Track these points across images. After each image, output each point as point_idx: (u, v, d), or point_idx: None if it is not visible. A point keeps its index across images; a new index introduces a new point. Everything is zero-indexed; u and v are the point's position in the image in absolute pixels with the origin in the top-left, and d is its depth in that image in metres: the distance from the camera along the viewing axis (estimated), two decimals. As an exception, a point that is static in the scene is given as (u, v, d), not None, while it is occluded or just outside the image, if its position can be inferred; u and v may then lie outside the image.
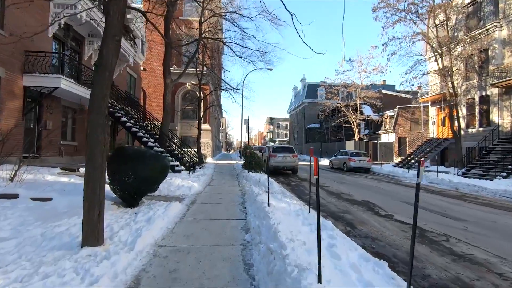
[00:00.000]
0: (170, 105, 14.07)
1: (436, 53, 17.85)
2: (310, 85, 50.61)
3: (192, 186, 8.80)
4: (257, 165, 13.21)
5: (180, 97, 27.43)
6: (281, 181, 13.00)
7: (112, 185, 5.65)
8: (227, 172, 15.39)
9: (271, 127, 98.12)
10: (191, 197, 7.77)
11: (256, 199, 6.53)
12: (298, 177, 14.81)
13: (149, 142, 12.37)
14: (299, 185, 11.87)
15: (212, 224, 5.13)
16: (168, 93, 13.76)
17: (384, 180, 14.68)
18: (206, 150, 26.57)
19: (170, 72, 14.08)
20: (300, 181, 13.18)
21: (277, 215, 4.78)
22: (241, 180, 11.66)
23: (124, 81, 17.93)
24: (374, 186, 12.11)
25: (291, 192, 9.70)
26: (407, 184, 13.26)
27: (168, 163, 6.06)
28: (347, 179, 14.31)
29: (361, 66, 30.84)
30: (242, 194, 8.51)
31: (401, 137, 30.65)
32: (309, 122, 49.42)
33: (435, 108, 23.58)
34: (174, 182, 8.72)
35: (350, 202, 8.32)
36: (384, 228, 5.65)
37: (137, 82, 20.81)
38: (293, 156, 15.69)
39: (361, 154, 19.91)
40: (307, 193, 9.92)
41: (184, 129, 27.32)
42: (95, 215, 3.36)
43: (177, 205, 6.17)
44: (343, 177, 15.25)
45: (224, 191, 9.10)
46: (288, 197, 8.26)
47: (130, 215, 5.16)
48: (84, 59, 13.00)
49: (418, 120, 30.77)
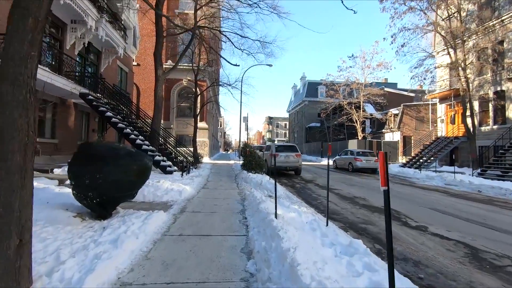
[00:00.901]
0: (162, 100, 12.83)
1: (449, 45, 16.68)
2: (310, 83, 49.44)
3: (184, 190, 7.55)
4: (258, 165, 11.98)
5: (175, 93, 26.14)
6: (284, 183, 11.78)
7: (76, 191, 4.40)
8: (225, 173, 14.15)
9: (270, 127, 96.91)
10: (181, 203, 6.52)
11: (259, 208, 5.29)
12: (302, 179, 13.59)
13: (138, 140, 11.11)
14: (305, 188, 10.65)
15: (203, 244, 3.89)
16: (159, 86, 12.52)
17: (396, 181, 13.49)
18: (203, 150, 25.31)
19: (162, 63, 12.82)
20: (305, 183, 11.96)
21: (290, 232, 3.55)
22: (240, 182, 10.42)
23: (114, 74, 16.65)
24: (387, 188, 10.90)
25: (298, 196, 8.48)
26: (422, 186, 12.07)
27: (149, 163, 4.81)
28: (356, 181, 13.10)
29: (365, 62, 29.70)
30: (242, 199, 7.27)
31: (406, 136, 29.50)
32: (310, 121, 48.24)
33: (444, 105, 22.43)
34: (162, 185, 7.47)
35: (368, 208, 7.10)
36: (423, 246, 4.43)
37: (129, 76, 19.53)
38: (296, 156, 14.47)
39: (368, 153, 18.71)
40: (315, 196, 8.71)
41: (180, 127, 26.04)
42: (11, 246, 2.12)
43: (161, 215, 4.92)
44: (351, 178, 14.04)
45: (221, 195, 7.86)
46: (296, 202, 7.03)
47: (95, 232, 3.92)
48: (65, 48, 11.71)
49: (424, 118, 29.66)
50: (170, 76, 26.56)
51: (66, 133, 11.70)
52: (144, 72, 25.67)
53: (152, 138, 12.17)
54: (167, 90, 25.99)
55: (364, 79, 29.76)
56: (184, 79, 25.73)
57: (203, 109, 25.50)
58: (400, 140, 29.31)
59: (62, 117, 11.66)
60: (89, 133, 14.00)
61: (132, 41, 19.16)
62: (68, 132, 11.89)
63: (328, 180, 4.68)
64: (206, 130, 25.99)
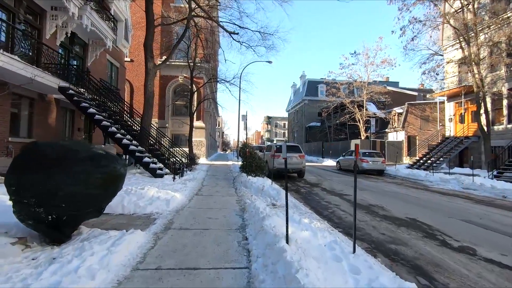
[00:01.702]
0: (153, 96, 11.68)
1: (461, 39, 15.61)
2: (310, 81, 48.40)
3: (173, 198, 6.42)
4: (258, 167, 10.86)
5: (171, 91, 24.98)
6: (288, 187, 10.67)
7: (17, 209, 3.26)
8: (222, 176, 13.01)
9: (269, 126, 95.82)
10: (168, 216, 5.38)
11: (264, 225, 4.17)
12: (307, 182, 12.48)
13: (125, 140, 9.95)
14: (311, 193, 9.54)
15: (188, 285, 2.76)
16: (150, 80, 11.38)
17: (409, 185, 12.41)
18: (200, 150, 24.16)
19: (153, 55, 11.67)
20: (311, 187, 10.85)
21: (312, 274, 2.43)
22: (239, 187, 9.30)
23: (103, 69, 15.47)
24: (403, 193, 9.81)
25: (305, 204, 7.37)
26: (439, 190, 10.98)
27: (120, 170, 3.68)
28: (366, 184, 12.00)
29: (368, 59, 28.62)
30: (241, 209, 6.15)
31: (411, 135, 28.47)
32: (310, 121, 47.21)
33: (453, 103, 21.38)
34: (147, 193, 6.33)
35: (391, 221, 5.99)
36: (482, 280, 3.32)
37: (121, 72, 18.34)
38: (300, 157, 13.36)
39: (374, 154, 17.64)
40: (324, 204, 7.60)
41: (175, 126, 24.88)
42: None
43: (137, 237, 3.79)
44: (359, 181, 12.93)
45: (217, 204, 6.73)
46: (306, 214, 5.93)
47: (36, 268, 2.78)
48: (45, 37, 10.54)
49: (429, 117, 28.66)
50: (165, 72, 25.52)
51: (45, 132, 10.52)
52: (138, 69, 24.46)
53: (141, 137, 11.02)
54: (162, 88, 24.86)
55: (367, 76, 28.71)
56: (179, 76, 24.59)
57: (199, 107, 24.35)
58: (405, 140, 28.29)
59: (40, 114, 10.48)
60: (74, 133, 12.82)
61: (123, 34, 17.98)
62: (47, 131, 10.71)
63: (355, 195, 3.56)
64: (203, 129, 24.84)
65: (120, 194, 5.92)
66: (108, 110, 11.74)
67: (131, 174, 9.67)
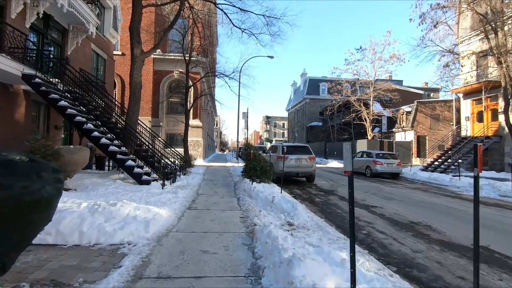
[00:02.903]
0: (140, 87, 9.98)
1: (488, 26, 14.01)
2: (311, 80, 46.83)
3: (156, 217, 4.74)
4: (264, 172, 9.19)
5: (165, 87, 23.26)
6: (298, 195, 9.02)
7: None
8: (221, 180, 11.33)
9: (268, 126, 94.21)
10: (143, 250, 3.68)
11: (294, 281, 2.50)
12: (319, 188, 10.83)
13: (104, 139, 8.23)
14: (329, 204, 7.87)
15: None
16: (137, 69, 9.70)
17: (436, 191, 10.79)
18: (196, 151, 22.46)
19: (141, 40, 9.96)
20: (326, 196, 9.19)
21: None
22: (242, 197, 7.62)
23: (86, 60, 13.74)
24: (440, 204, 8.17)
25: (327, 221, 5.71)
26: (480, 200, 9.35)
27: (42, 191, 1.98)
28: (388, 191, 10.36)
29: (375, 55, 27.05)
30: (249, 233, 4.48)
31: (420, 135, 26.94)
32: (311, 120, 45.65)
33: (470, 100, 19.83)
34: (120, 210, 4.63)
35: (458, 251, 4.33)
36: None
37: (109, 65, 16.61)
38: (310, 159, 11.71)
39: (389, 155, 16.05)
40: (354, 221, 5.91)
41: (170, 125, 23.17)
42: None
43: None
44: (379, 187, 11.30)
45: (215, 225, 5.05)
46: (338, 241, 4.26)
47: None
48: (10, 17, 8.81)
49: (440, 116, 27.15)
50: (159, 67, 23.79)
51: (8, 130, 8.78)
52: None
53: (126, 137, 9.31)
54: (155, 84, 23.15)
55: (375, 73, 27.14)
56: (175, 71, 22.86)
57: (196, 104, 22.65)
58: (414, 140, 26.73)
59: (2, 109, 8.74)
60: (49, 131, 11.08)
61: (111, 23, 16.27)
62: (12, 129, 8.96)
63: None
64: (200, 128, 23.14)
65: (81, 213, 4.26)
66: (88, 105, 10.01)
67: (111, 181, 7.97)
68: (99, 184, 7.43)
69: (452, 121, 26.94)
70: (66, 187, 6.73)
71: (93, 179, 7.90)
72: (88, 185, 7.24)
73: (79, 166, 6.62)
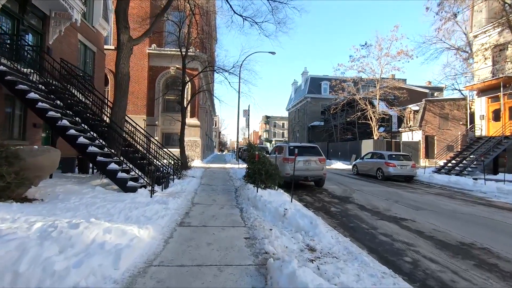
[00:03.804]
0: (127, 79, 8.71)
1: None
2: (313, 78, 45.63)
3: (132, 243, 3.50)
4: (270, 177, 7.96)
5: (161, 84, 21.97)
6: (310, 203, 7.78)
7: None
8: (220, 185, 10.08)
9: (267, 126, 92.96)
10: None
11: None
12: (331, 194, 9.59)
13: (82, 138, 6.96)
14: (349, 215, 6.64)
15: None
16: (124, 58, 8.44)
17: (462, 197, 9.57)
18: (194, 151, 21.19)
19: (129, 25, 8.69)
20: (341, 204, 7.95)
21: None
22: (246, 208, 6.37)
23: (72, 51, 12.45)
24: (478, 215, 6.95)
25: (357, 243, 4.47)
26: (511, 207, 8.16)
27: None
28: (410, 198, 9.13)
29: (381, 51, 25.84)
30: (258, 267, 3.24)
31: (429, 135, 25.76)
32: (312, 120, 44.46)
33: (484, 98, 18.64)
34: (84, 235, 3.37)
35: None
36: None
37: (98, 58, 15.31)
38: (320, 161, 10.47)
39: (402, 156, 14.84)
40: (386, 242, 4.70)
41: (166, 124, 21.87)
42: None
43: None
44: (397, 193, 10.07)
45: (213, 252, 3.80)
46: (384, 279, 3.02)
47: None
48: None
49: (449, 115, 25.99)
50: (155, 63, 22.48)
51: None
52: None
53: (111, 135, 8.04)
54: (151, 80, 21.86)
55: (381, 69, 25.92)
56: (171, 67, 21.60)
57: (194, 103, 21.40)
58: (422, 140, 25.56)
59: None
60: (27, 130, 9.79)
61: (101, 13, 14.99)
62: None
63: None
64: (198, 127, 21.87)
65: (24, 242, 3.03)
66: (68, 99, 8.74)
67: (89, 188, 6.71)
68: (73, 193, 6.17)
69: (462, 120, 25.81)
70: (30, 197, 5.48)
71: (68, 186, 6.63)
72: (60, 193, 5.98)
73: (46, 171, 5.37)
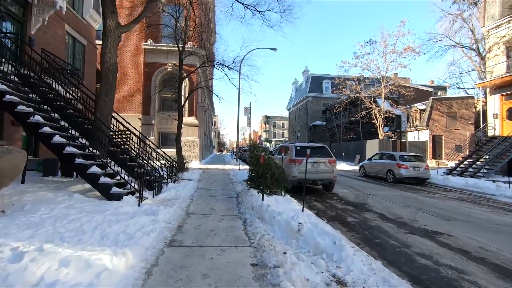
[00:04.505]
0: (115, 70, 7.72)
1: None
2: (314, 77, 44.70)
3: (98, 281, 2.50)
4: (276, 181, 6.99)
5: (158, 81, 20.96)
6: (321, 211, 6.80)
7: None
8: (220, 190, 9.09)
9: (267, 126, 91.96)
10: None
11: None
12: (341, 198, 8.60)
13: (58, 137, 5.96)
14: (370, 227, 5.65)
15: None
16: (110, 46, 7.47)
17: (488, 203, 8.60)
18: (192, 151, 20.20)
19: (116, 9, 7.69)
20: (357, 211, 6.96)
21: None
22: (250, 219, 5.38)
23: (58, 43, 11.45)
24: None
25: (393, 268, 3.48)
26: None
27: None
28: (433, 204, 8.15)
29: (386, 48, 24.89)
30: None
31: (436, 135, 24.82)
32: (313, 119, 43.52)
33: (498, 96, 17.70)
34: (29, 272, 2.39)
35: None
36: None
37: (89, 52, 14.30)
38: (330, 163, 9.50)
39: (415, 157, 13.86)
40: (425, 265, 3.69)
41: (163, 123, 20.88)
42: None
43: None
44: (416, 198, 9.09)
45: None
46: None
47: None
48: None
49: (456, 114, 25.05)
50: (151, 59, 21.43)
51: None
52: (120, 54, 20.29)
53: (95, 134, 7.05)
54: (147, 77, 20.84)
55: (386, 67, 24.98)
56: (168, 63, 20.62)
57: (192, 100, 20.41)
58: (429, 140, 24.62)
59: None
60: (4, 128, 8.79)
61: (92, 4, 13.98)
62: None
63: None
64: (196, 127, 20.87)
65: None
66: (47, 93, 7.74)
67: (66, 195, 5.72)
68: (45, 202, 5.18)
69: (471, 119, 24.90)
70: (-13, 208, 4.48)
71: (40, 193, 5.63)
72: (27, 203, 4.98)
73: (6, 177, 4.37)
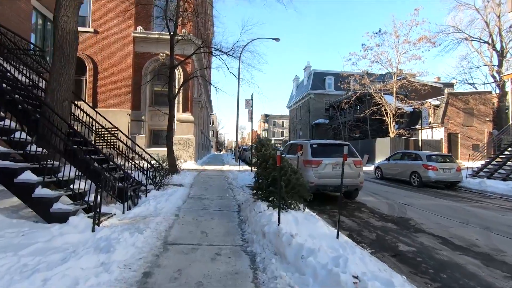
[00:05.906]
0: (73, 40, 5.74)
1: None
2: (316, 73, 42.79)
3: None
4: (292, 190, 5.06)
5: (149, 73, 18.94)
6: (353, 230, 4.86)
7: None
8: (216, 199, 7.14)
9: (266, 125, 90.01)
10: None
11: None
12: (373, 211, 6.68)
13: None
14: (437, 259, 3.73)
15: None
16: (66, 6, 5.47)
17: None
18: (187, 151, 18.23)
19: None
20: (403, 231, 5.05)
21: None
22: (262, 253, 3.44)
23: (21, 20, 9.44)
24: None
25: None
26: None
27: None
28: (491, 219, 6.25)
29: (398, 39, 23.01)
30: None
31: (452, 133, 22.99)
32: (316, 117, 41.66)
33: (527, 88, 15.95)
34: None
35: None
36: None
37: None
38: (356, 164, 7.57)
39: (444, 158, 11.97)
40: None
41: (155, 120, 18.88)
42: None
43: None
44: (463, 209, 7.16)
45: None
46: None
47: None
48: None
49: (473, 111, 23.22)
50: (141, 49, 19.37)
51: None
52: (104, 43, 18.39)
53: (45, 125, 5.07)
54: (137, 69, 18.82)
55: (398, 59, 23.10)
56: (160, 53, 18.62)
57: (187, 94, 18.45)
58: (444, 138, 22.79)
59: None
60: None
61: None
62: None
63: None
64: (191, 123, 18.90)
65: None
66: None
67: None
68: None
69: (489, 116, 23.08)
70: None
71: None
72: None
73: None
